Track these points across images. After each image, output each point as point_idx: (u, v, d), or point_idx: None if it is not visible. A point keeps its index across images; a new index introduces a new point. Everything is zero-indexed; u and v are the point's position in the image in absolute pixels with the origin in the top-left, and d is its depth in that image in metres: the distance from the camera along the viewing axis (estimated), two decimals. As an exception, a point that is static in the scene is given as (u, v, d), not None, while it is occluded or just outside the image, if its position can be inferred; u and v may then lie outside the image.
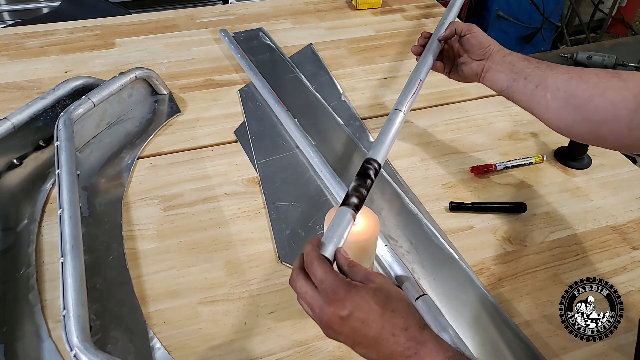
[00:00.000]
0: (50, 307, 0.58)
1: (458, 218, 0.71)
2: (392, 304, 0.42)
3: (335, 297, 0.41)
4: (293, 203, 0.72)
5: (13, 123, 0.73)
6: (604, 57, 1.16)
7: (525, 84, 0.61)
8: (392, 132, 0.59)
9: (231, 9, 1.21)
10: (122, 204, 0.71)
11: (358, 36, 1.13)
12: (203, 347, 0.55)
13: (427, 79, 0.68)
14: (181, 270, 0.63)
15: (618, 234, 0.70)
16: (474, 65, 0.67)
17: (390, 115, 0.61)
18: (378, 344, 0.41)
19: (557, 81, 0.58)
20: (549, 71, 0.60)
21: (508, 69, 0.64)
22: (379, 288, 0.42)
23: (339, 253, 0.46)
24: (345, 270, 0.45)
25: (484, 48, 0.66)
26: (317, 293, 0.42)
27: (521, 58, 0.64)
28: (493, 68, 0.65)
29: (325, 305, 0.41)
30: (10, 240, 0.65)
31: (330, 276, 0.42)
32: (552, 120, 0.59)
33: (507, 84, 0.63)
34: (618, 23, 2.54)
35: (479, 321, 0.58)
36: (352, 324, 0.41)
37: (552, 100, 0.58)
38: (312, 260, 0.44)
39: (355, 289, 0.42)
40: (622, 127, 0.52)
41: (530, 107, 0.61)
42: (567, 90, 0.56)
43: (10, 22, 1.69)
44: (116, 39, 1.08)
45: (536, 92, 0.60)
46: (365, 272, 0.44)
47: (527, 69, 0.62)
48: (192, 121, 0.87)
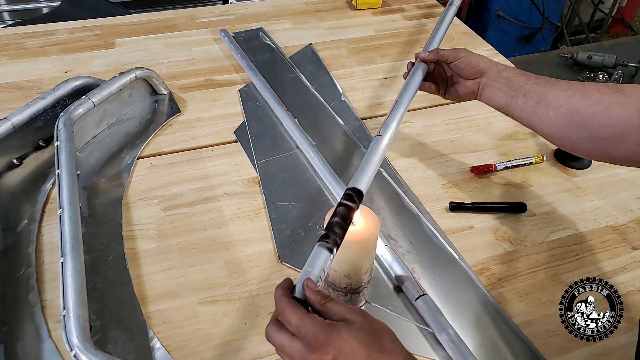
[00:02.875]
0: (50, 307, 0.58)
1: (458, 218, 0.71)
2: (378, 344, 0.39)
3: (317, 343, 0.38)
4: (293, 203, 0.72)
5: (13, 123, 0.73)
6: (604, 57, 1.16)
7: (525, 100, 0.60)
8: (373, 159, 0.56)
9: (231, 9, 1.21)
10: (122, 204, 0.71)
11: (358, 36, 1.13)
12: (203, 347, 0.55)
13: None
14: (181, 270, 0.63)
15: (618, 234, 0.70)
16: (469, 84, 0.66)
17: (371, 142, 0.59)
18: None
19: (559, 97, 0.57)
20: (549, 87, 0.58)
21: (505, 86, 0.62)
22: (361, 327, 0.39)
23: (307, 290, 0.42)
24: (319, 309, 0.41)
25: (474, 67, 0.65)
26: (296, 341, 0.39)
27: (518, 73, 0.62)
28: (489, 85, 0.64)
29: (307, 353, 0.38)
30: (10, 240, 0.65)
31: (307, 321, 0.39)
32: (556, 137, 0.58)
33: (505, 101, 0.62)
34: (618, 23, 2.54)
35: (479, 321, 0.58)
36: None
37: (555, 117, 0.57)
38: (284, 308, 0.41)
39: (335, 330, 0.39)
40: (630, 143, 0.51)
41: (532, 124, 0.60)
42: (570, 107, 0.56)
43: (10, 22, 1.69)
44: (116, 39, 1.08)
45: (537, 109, 0.59)
46: (342, 309, 0.41)
47: (525, 85, 0.60)
48: (192, 121, 0.87)
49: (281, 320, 0.41)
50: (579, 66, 1.19)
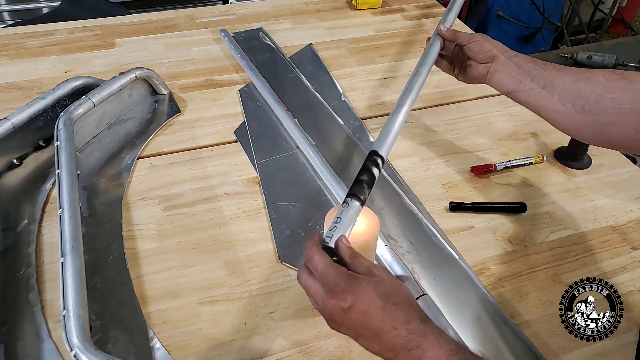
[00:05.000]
0: (50, 307, 0.58)
1: (458, 218, 0.71)
2: (394, 297, 0.42)
3: (337, 289, 0.42)
4: (293, 203, 0.72)
5: (13, 123, 0.73)
6: (604, 57, 1.17)
7: (532, 85, 0.62)
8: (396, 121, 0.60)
9: (231, 9, 1.21)
10: (122, 204, 0.71)
11: (358, 36, 1.13)
12: (203, 347, 0.55)
13: (428, 78, 0.69)
14: (181, 270, 0.63)
15: (618, 234, 0.70)
16: (480, 68, 0.68)
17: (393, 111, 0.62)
18: (379, 337, 0.41)
19: (564, 83, 0.58)
20: (556, 73, 0.60)
21: (514, 71, 0.64)
22: (381, 281, 0.43)
23: (341, 243, 0.46)
24: (347, 261, 0.45)
25: (487, 52, 0.67)
26: (319, 286, 0.43)
27: (527, 59, 0.64)
28: (499, 70, 0.66)
29: (327, 297, 0.42)
30: (10, 240, 0.65)
31: (331, 269, 0.43)
32: (559, 121, 0.60)
33: (513, 86, 0.64)
34: (618, 23, 2.54)
35: (479, 321, 0.58)
36: (353, 316, 0.42)
37: (559, 102, 0.59)
38: (313, 255, 0.44)
39: (356, 281, 0.42)
40: (629, 129, 0.53)
41: (537, 108, 0.62)
42: (574, 92, 0.57)
43: (10, 22, 1.69)
44: (116, 39, 1.08)
45: (543, 93, 0.60)
46: (367, 265, 0.45)
47: (533, 70, 0.62)
48: (192, 121, 0.87)
49: (309, 266, 0.45)
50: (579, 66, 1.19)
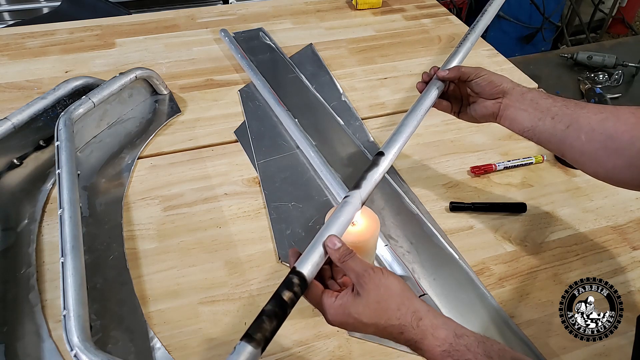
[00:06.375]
0: (51, 307, 0.58)
1: (458, 218, 0.71)
2: (384, 314, 0.43)
3: (334, 322, 0.45)
4: (293, 203, 0.72)
5: (13, 123, 0.73)
6: (604, 57, 1.16)
7: (554, 124, 0.55)
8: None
9: (231, 9, 1.21)
10: (122, 204, 0.71)
11: (358, 36, 1.13)
12: (203, 347, 0.55)
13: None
14: (181, 270, 0.63)
15: (618, 234, 0.70)
16: (489, 105, 0.61)
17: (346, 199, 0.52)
18: (383, 337, 0.45)
19: (591, 121, 0.52)
20: (580, 110, 0.54)
21: (531, 107, 0.57)
22: (367, 296, 0.44)
23: (328, 248, 0.47)
24: (338, 266, 0.47)
25: (497, 87, 0.60)
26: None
27: (544, 95, 0.58)
28: (512, 106, 0.59)
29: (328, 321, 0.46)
30: (11, 240, 0.65)
31: (320, 307, 0.46)
32: (589, 165, 0.54)
33: (531, 124, 0.57)
34: (618, 23, 2.54)
35: (479, 321, 0.58)
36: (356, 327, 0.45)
37: (588, 142, 0.52)
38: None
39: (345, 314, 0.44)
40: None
41: (562, 150, 0.55)
42: (604, 132, 0.51)
43: (10, 22, 1.68)
44: (116, 39, 1.08)
45: (567, 133, 0.54)
46: (357, 271, 0.45)
47: (553, 107, 0.56)
48: (192, 121, 0.87)
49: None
50: (579, 66, 1.19)
